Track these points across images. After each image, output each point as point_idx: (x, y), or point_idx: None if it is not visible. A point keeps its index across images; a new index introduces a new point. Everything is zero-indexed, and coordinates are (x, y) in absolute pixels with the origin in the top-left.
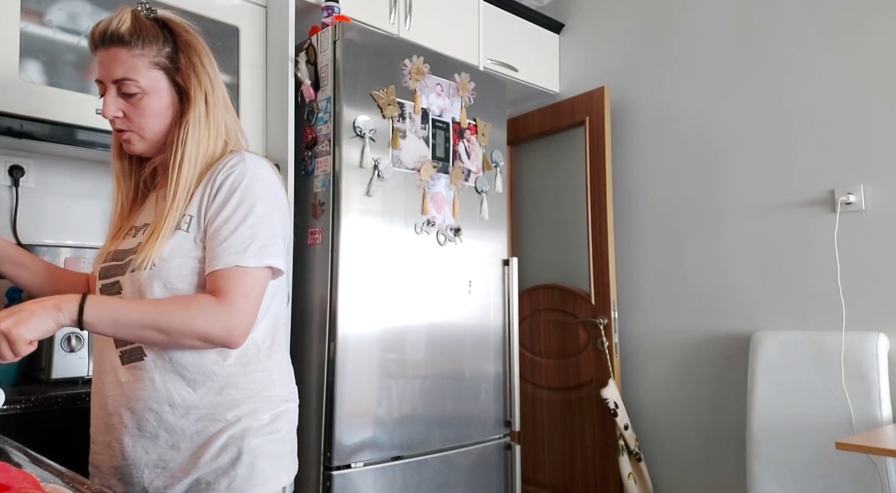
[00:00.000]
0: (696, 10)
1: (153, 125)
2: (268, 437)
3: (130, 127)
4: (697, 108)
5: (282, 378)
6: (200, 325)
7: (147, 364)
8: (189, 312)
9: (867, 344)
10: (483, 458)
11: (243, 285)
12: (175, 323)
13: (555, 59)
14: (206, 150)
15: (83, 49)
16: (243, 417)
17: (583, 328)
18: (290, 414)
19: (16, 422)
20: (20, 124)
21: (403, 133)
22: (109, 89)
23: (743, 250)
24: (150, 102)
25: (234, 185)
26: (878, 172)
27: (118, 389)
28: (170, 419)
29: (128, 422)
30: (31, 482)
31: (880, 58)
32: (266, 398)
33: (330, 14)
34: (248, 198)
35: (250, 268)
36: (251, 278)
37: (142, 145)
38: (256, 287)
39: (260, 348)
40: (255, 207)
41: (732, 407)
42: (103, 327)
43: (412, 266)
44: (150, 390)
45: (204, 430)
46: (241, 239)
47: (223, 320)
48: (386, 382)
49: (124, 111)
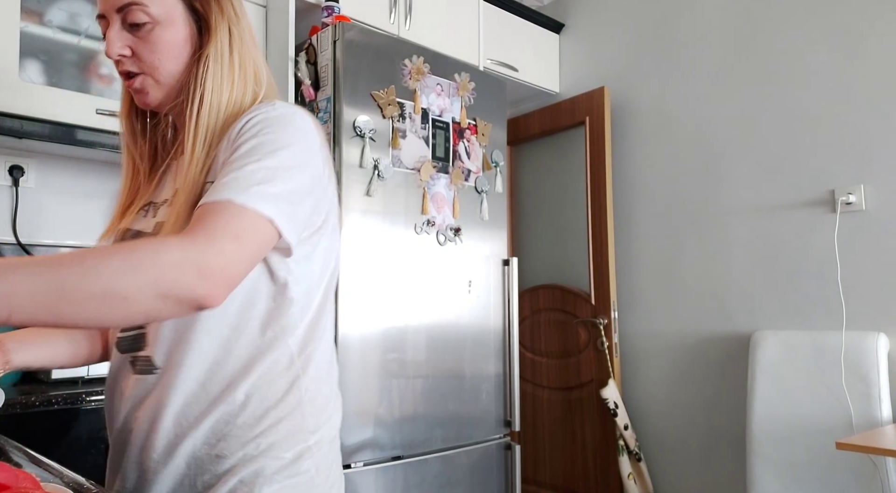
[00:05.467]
0: (697, 10)
1: (169, 64)
2: (286, 482)
3: (142, 68)
4: (697, 108)
5: (315, 401)
6: (158, 272)
7: (156, 379)
8: (137, 254)
9: (867, 344)
10: (483, 458)
11: (234, 224)
12: (114, 275)
13: (555, 59)
14: (230, 94)
15: (83, 49)
16: (258, 455)
17: (583, 328)
18: (322, 449)
19: (16, 422)
20: (20, 124)
21: (403, 133)
22: (113, 22)
23: (743, 250)
24: (162, 33)
25: (259, 124)
26: (878, 172)
27: (123, 403)
28: (172, 448)
29: (132, 445)
30: (32, 481)
31: (880, 58)
32: (290, 431)
33: (330, 14)
34: (274, 141)
35: (249, 210)
36: (249, 221)
37: (158, 92)
38: (252, 235)
39: (294, 362)
40: (281, 151)
41: (732, 407)
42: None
43: (412, 266)
44: (160, 411)
45: (210, 468)
46: (248, 177)
47: (194, 260)
48: (386, 382)
49: (132, 48)
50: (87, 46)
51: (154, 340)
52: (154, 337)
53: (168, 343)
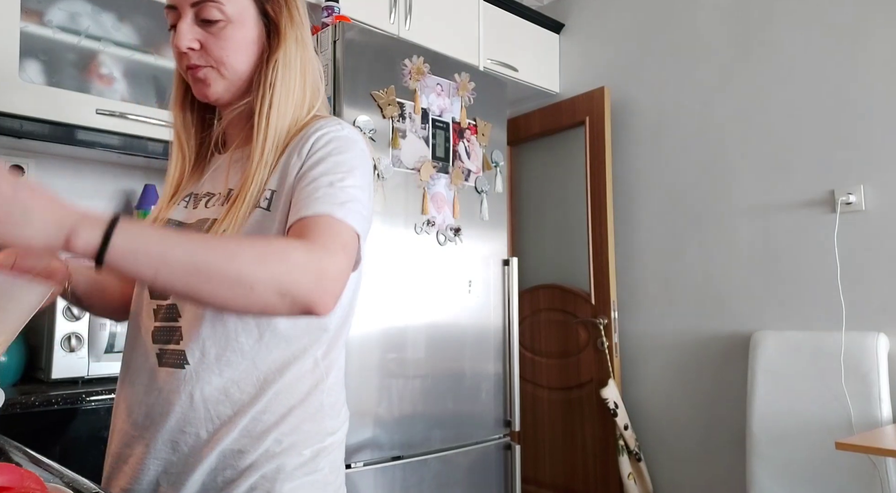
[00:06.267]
0: (697, 10)
1: (236, 61)
2: (304, 479)
3: (209, 61)
4: (697, 108)
5: (334, 405)
6: (285, 270)
7: (188, 375)
8: (269, 251)
9: (867, 344)
10: (483, 458)
11: (341, 238)
12: (248, 264)
13: (555, 59)
14: (294, 101)
15: (83, 49)
16: (280, 452)
17: (583, 328)
18: (335, 449)
19: (16, 422)
20: (20, 124)
21: (403, 133)
22: (185, 14)
23: (743, 250)
24: (234, 31)
25: (333, 143)
26: (878, 172)
27: (143, 396)
28: (201, 445)
29: (148, 440)
30: (36, 481)
31: (880, 58)
32: (310, 432)
33: (330, 14)
34: (348, 161)
35: (348, 226)
36: (349, 236)
37: (220, 86)
38: (352, 249)
39: (318, 366)
40: (355, 171)
41: (732, 407)
42: (140, 266)
43: (412, 266)
44: (187, 407)
45: (234, 464)
46: (338, 194)
47: (316, 267)
48: (386, 381)
49: (202, 42)
50: (87, 46)
51: (189, 335)
52: (189, 332)
53: (206, 340)
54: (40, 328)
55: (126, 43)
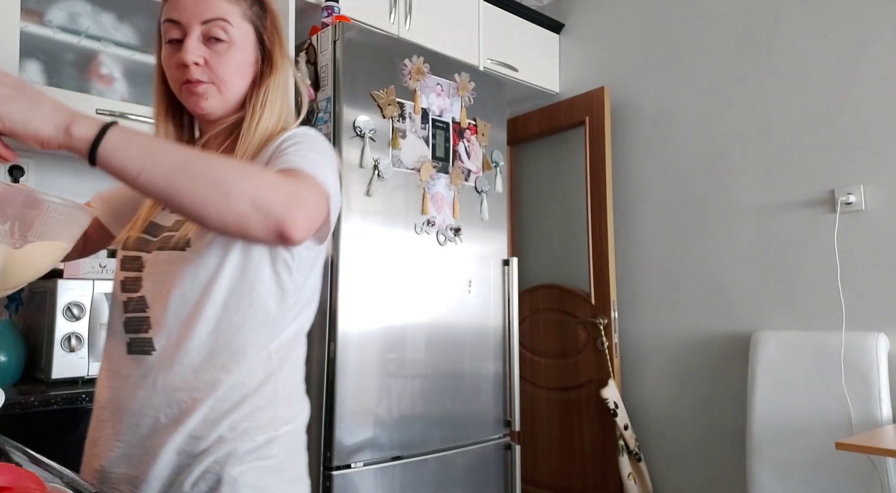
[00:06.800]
0: (697, 9)
1: (234, 80)
2: (255, 463)
3: (211, 78)
4: (697, 108)
5: (290, 396)
6: (262, 185)
7: (153, 361)
8: (249, 169)
9: (867, 344)
10: (483, 458)
11: (314, 180)
12: (229, 173)
13: (555, 59)
14: (274, 120)
15: (83, 49)
16: (232, 438)
17: (582, 328)
18: (291, 438)
19: (16, 422)
20: None
21: (403, 133)
22: (193, 30)
23: (743, 249)
24: (236, 54)
25: (299, 138)
26: (878, 172)
27: (114, 381)
28: (160, 430)
29: (114, 423)
30: (36, 481)
31: (880, 58)
32: (264, 420)
33: (330, 14)
34: (312, 148)
35: (318, 179)
36: (319, 185)
37: (216, 102)
38: (324, 195)
39: (272, 358)
40: (321, 157)
41: (732, 407)
42: (128, 161)
43: (412, 266)
44: (151, 392)
45: (190, 449)
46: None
47: (292, 195)
48: (386, 382)
49: (206, 59)
50: (87, 46)
51: (157, 324)
52: (157, 322)
53: (171, 328)
54: (40, 328)
55: (126, 43)
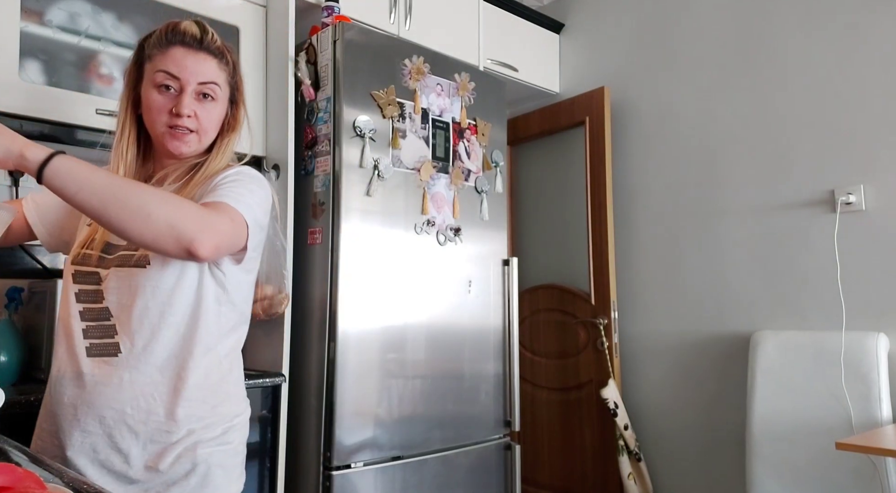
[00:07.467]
0: (696, 10)
1: (212, 132)
2: (218, 448)
3: (197, 128)
4: (697, 108)
5: (237, 395)
6: (180, 213)
7: (120, 361)
8: (170, 198)
9: (867, 344)
10: (483, 458)
11: (231, 211)
12: (151, 202)
13: (555, 59)
14: (225, 162)
15: (83, 49)
16: (199, 429)
17: (582, 328)
18: (241, 428)
19: (16, 422)
20: (20, 124)
21: (403, 133)
22: (189, 87)
23: (743, 250)
24: (218, 110)
25: (232, 177)
26: (878, 172)
27: (78, 381)
28: (129, 421)
29: (82, 417)
30: (36, 481)
31: (880, 57)
32: (222, 413)
33: (330, 14)
34: (242, 185)
35: (240, 212)
36: (238, 217)
37: (194, 147)
38: (240, 225)
39: (222, 363)
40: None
41: (732, 407)
42: (67, 182)
43: (412, 266)
44: (117, 388)
45: (159, 438)
46: (236, 196)
47: (203, 221)
48: (386, 382)
49: (196, 112)
50: (87, 46)
51: (124, 330)
52: (124, 328)
53: (135, 334)
54: (40, 328)
55: (126, 43)
